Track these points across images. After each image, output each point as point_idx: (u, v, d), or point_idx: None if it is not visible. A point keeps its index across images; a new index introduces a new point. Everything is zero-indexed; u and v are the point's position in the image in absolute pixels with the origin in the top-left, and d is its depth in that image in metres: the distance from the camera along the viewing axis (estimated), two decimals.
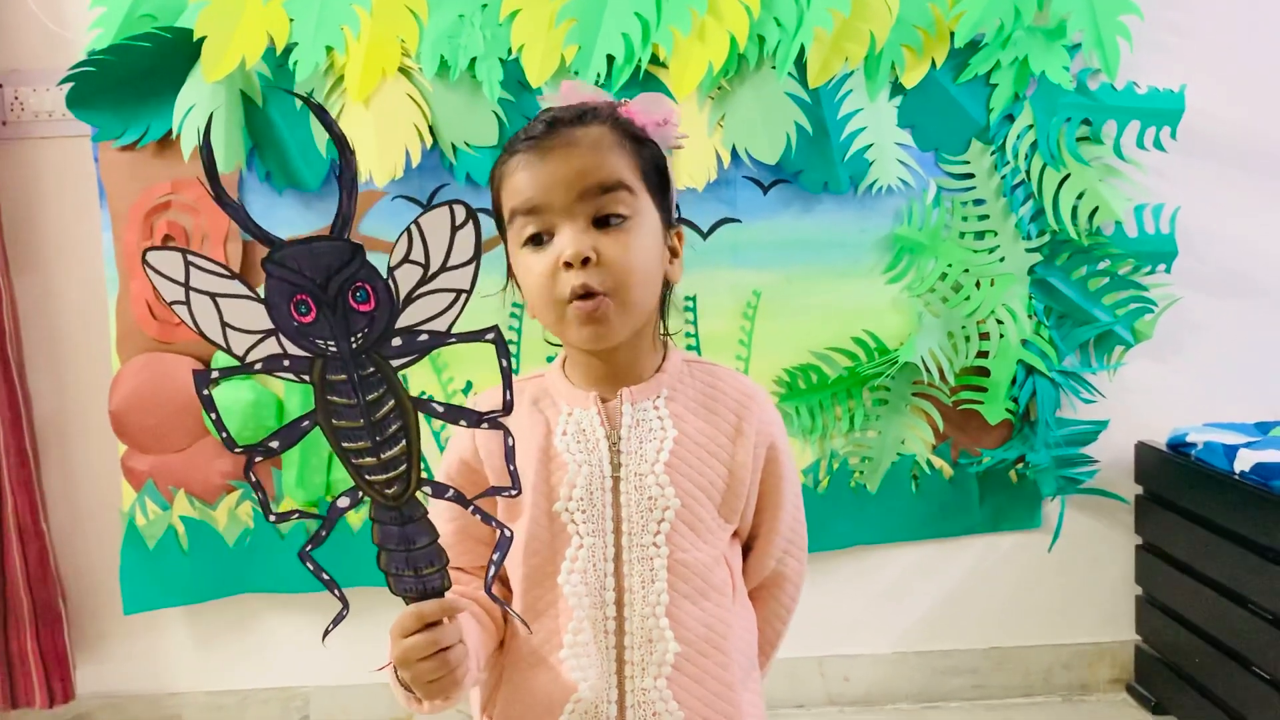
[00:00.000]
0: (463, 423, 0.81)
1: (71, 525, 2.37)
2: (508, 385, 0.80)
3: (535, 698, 1.05)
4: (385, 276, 0.73)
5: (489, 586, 0.88)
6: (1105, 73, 2.22)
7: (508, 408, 0.80)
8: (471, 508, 0.85)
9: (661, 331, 1.13)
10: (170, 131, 2.18)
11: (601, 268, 0.98)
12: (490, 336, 0.78)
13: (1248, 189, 2.36)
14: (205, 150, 0.75)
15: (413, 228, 0.73)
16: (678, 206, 1.16)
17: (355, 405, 0.76)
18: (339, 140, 0.72)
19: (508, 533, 0.87)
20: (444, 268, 0.73)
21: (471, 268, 0.74)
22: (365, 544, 2.29)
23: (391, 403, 0.77)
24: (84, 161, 2.25)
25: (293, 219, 2.23)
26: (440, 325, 0.75)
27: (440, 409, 0.80)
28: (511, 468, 0.83)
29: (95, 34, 2.15)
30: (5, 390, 2.22)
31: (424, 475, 0.81)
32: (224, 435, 0.78)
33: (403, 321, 0.74)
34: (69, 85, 2.13)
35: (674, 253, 1.09)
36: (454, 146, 2.20)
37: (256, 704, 2.43)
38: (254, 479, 0.79)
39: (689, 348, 2.29)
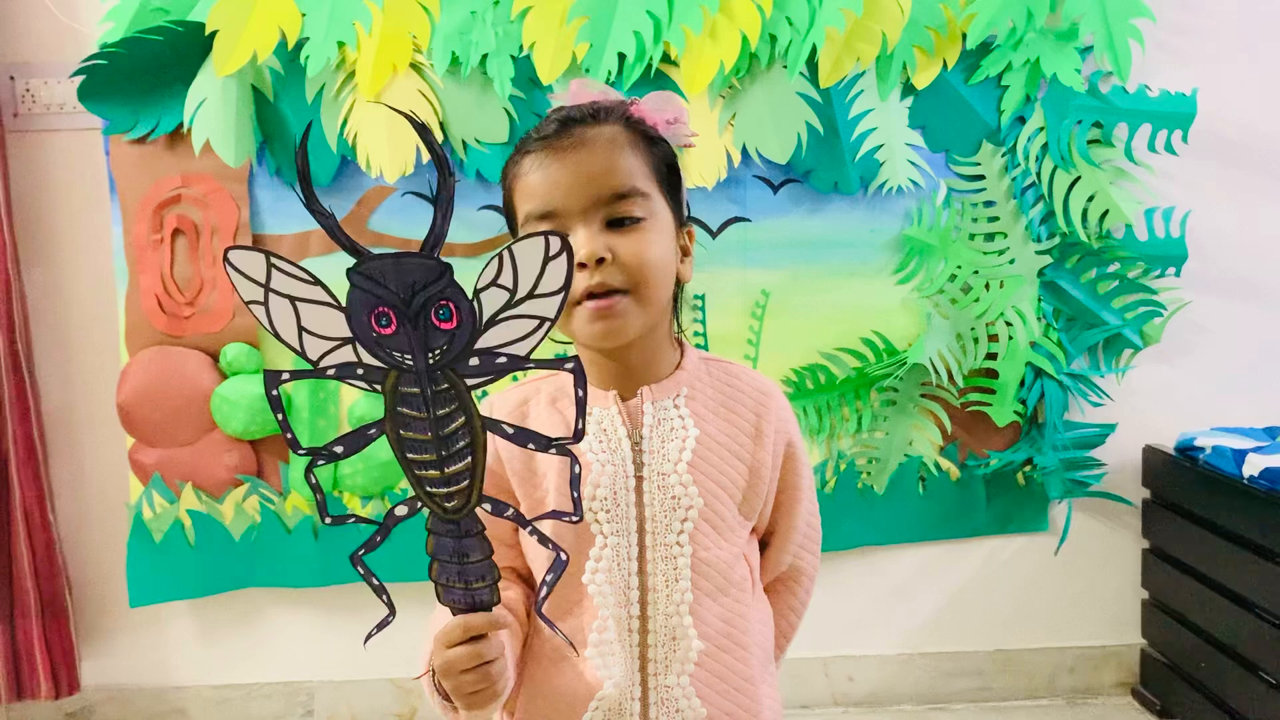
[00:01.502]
0: (531, 446, 0.81)
1: (78, 518, 2.37)
2: (581, 414, 0.79)
3: (560, 695, 1.05)
4: (471, 298, 0.73)
5: (540, 607, 0.88)
6: (1117, 75, 2.22)
7: (578, 436, 0.80)
8: (530, 529, 0.85)
9: (675, 329, 1.13)
10: (181, 125, 2.18)
11: (616, 266, 0.98)
12: (570, 366, 0.78)
13: (1258, 193, 2.36)
14: (300, 156, 0.75)
15: (505, 253, 0.72)
16: (688, 204, 1.15)
17: (425, 419, 0.76)
18: (440, 162, 0.72)
19: (563, 556, 0.86)
20: (531, 295, 0.73)
21: (559, 298, 0.73)
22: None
23: (461, 419, 0.77)
24: (94, 154, 2.25)
25: (302, 213, 2.23)
26: (520, 350, 0.75)
27: (510, 430, 0.80)
28: (575, 494, 0.83)
29: (107, 27, 2.15)
30: (14, 382, 2.22)
31: (483, 495, 0.82)
32: (289, 436, 0.79)
33: (483, 343, 0.74)
34: (80, 78, 2.13)
35: (685, 251, 1.09)
36: (464, 143, 2.20)
37: (261, 698, 2.43)
38: (314, 480, 0.80)
39: (697, 346, 2.29)
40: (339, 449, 0.79)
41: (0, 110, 2.24)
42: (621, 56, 2.15)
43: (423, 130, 0.74)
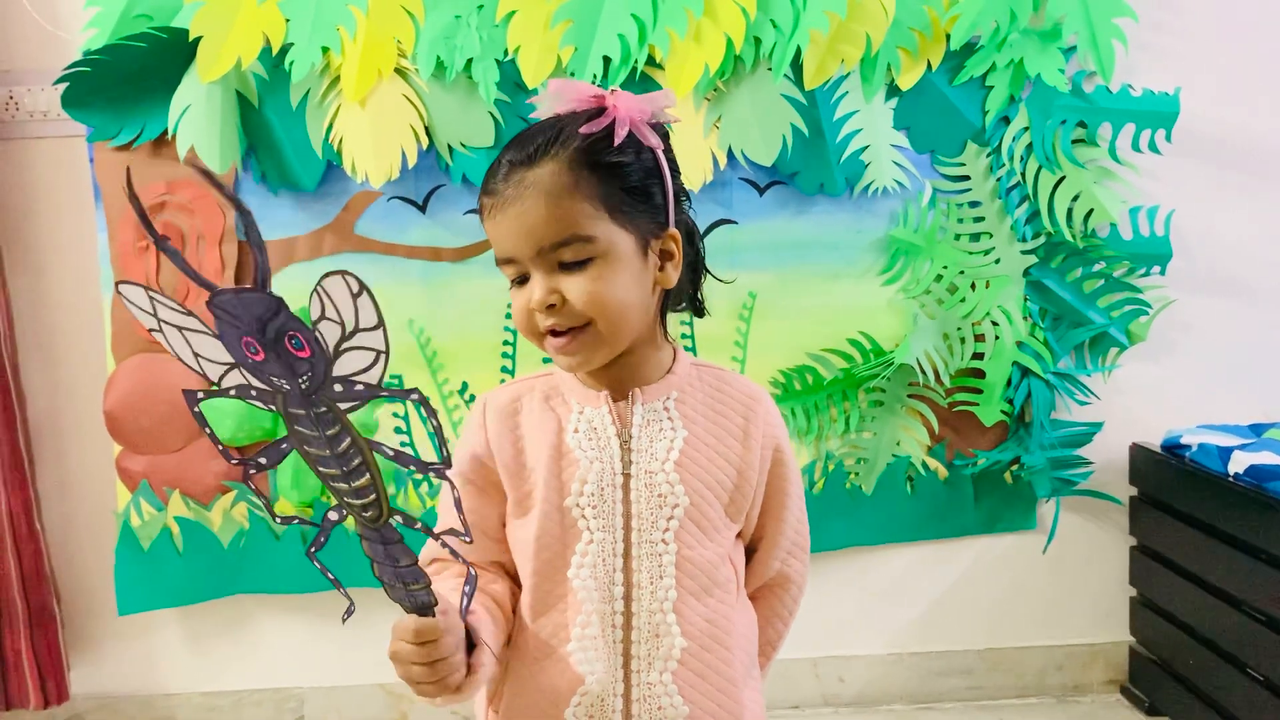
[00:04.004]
0: (411, 468, 0.83)
1: (66, 526, 2.36)
2: (441, 444, 0.82)
3: (542, 690, 1.07)
4: (313, 328, 0.74)
5: (463, 614, 0.93)
6: (1100, 75, 2.23)
7: (448, 462, 0.82)
8: (441, 543, 0.87)
9: (663, 333, 1.14)
10: (166, 132, 2.17)
11: (568, 308, 1.01)
12: (415, 398, 0.79)
13: (1242, 191, 2.37)
14: (132, 195, 0.78)
15: (320, 290, 0.72)
16: (686, 197, 1.13)
17: (319, 437, 0.78)
18: (238, 207, 0.74)
19: (473, 572, 0.91)
20: (357, 330, 0.73)
21: (380, 332, 0.73)
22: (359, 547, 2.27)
23: (349, 439, 0.79)
24: (79, 161, 2.25)
25: (288, 219, 2.23)
26: (370, 379, 0.75)
27: (390, 452, 0.81)
28: (461, 517, 0.86)
29: (90, 34, 2.15)
30: None
31: (394, 507, 0.84)
32: (221, 448, 0.83)
33: (338, 371, 0.75)
34: (64, 85, 2.12)
35: (668, 256, 1.08)
36: (450, 147, 2.20)
37: (251, 705, 2.42)
38: (254, 487, 0.83)
39: (686, 349, 2.29)
40: (263, 460, 0.81)
41: None
42: (606, 60, 2.15)
43: (210, 178, 0.76)
